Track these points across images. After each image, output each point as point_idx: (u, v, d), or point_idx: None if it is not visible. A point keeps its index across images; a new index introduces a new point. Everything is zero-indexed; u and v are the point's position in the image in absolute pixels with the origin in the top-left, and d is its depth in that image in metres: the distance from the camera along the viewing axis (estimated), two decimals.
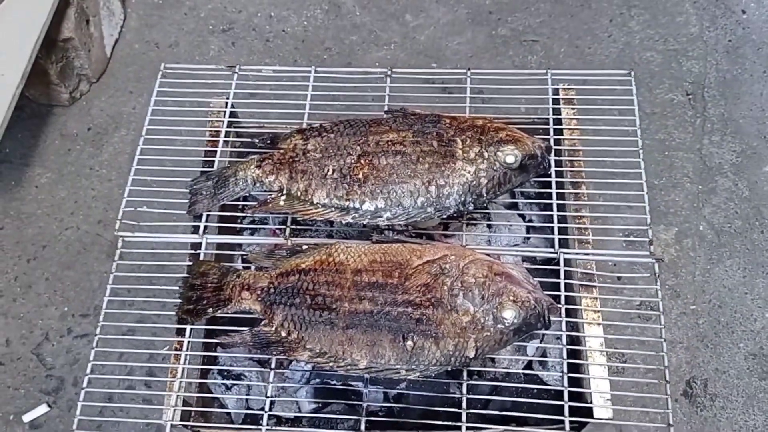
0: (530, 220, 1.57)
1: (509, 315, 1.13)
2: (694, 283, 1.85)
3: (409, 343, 1.14)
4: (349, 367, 1.17)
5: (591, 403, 1.19)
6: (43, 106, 2.37)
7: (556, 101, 1.46)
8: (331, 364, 1.17)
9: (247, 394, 1.41)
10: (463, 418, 1.18)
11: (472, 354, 1.15)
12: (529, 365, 1.42)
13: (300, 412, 1.38)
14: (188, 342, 1.28)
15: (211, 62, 2.44)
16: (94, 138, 2.30)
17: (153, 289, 1.35)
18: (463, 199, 1.26)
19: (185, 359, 1.27)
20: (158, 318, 1.27)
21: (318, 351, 1.18)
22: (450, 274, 1.18)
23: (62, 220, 2.16)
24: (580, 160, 1.40)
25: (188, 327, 1.29)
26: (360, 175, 1.28)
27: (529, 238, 1.55)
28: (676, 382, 1.73)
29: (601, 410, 1.18)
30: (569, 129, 1.43)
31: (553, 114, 1.45)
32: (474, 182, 1.26)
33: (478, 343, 1.14)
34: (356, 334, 1.16)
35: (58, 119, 2.35)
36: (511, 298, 1.15)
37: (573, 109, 1.45)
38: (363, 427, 1.19)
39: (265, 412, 1.21)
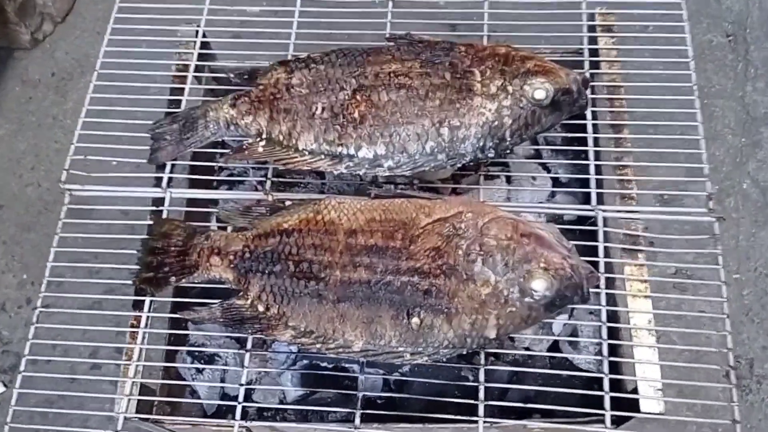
0: (556, 174, 1.33)
1: (540, 286, 0.91)
2: (737, 249, 1.63)
3: (415, 320, 0.92)
4: (340, 350, 0.95)
5: (637, 393, 0.98)
6: (1, 49, 2.11)
7: (592, 29, 1.22)
8: (318, 345, 0.95)
9: (222, 380, 1.20)
10: (481, 411, 0.96)
11: (492, 334, 0.92)
12: (555, 346, 1.20)
13: (284, 400, 1.16)
14: (148, 317, 1.06)
15: None
16: (58, 84, 2.05)
17: (122, 254, 1.12)
18: (481, 144, 1.02)
19: (143, 338, 1.05)
20: (129, 289, 1.05)
21: (303, 329, 0.96)
22: (466, 235, 0.95)
23: (21, 176, 1.94)
24: (621, 99, 1.16)
25: (147, 299, 1.07)
26: (355, 115, 1.04)
27: (554, 195, 1.31)
28: (716, 361, 1.51)
29: (651, 403, 0.96)
30: (608, 61, 1.19)
31: (589, 44, 1.20)
32: (495, 123, 1.02)
33: (501, 320, 0.92)
34: (350, 309, 0.94)
35: (19, 63, 2.11)
36: (542, 264, 0.92)
37: (612, 38, 1.20)
38: (358, 420, 0.97)
39: (239, 402, 1.00)
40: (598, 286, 1.00)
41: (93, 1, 2.18)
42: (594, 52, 1.20)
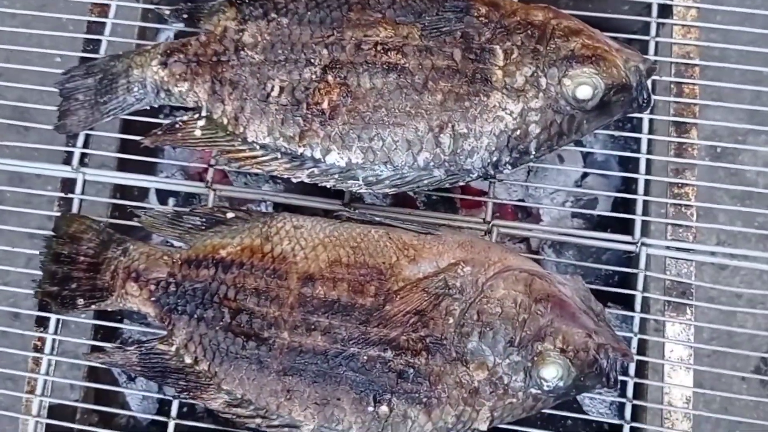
0: (587, 155, 1.04)
1: (552, 374, 0.68)
2: None
3: (384, 409, 0.70)
4: (286, 430, 0.73)
5: None
6: None
7: None
8: (258, 420, 0.74)
9: (161, 388, 1.00)
10: None
11: (483, 427, 0.71)
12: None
13: None
14: (54, 340, 0.84)
15: None
16: None
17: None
18: (495, 158, 0.74)
19: (48, 367, 0.83)
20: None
21: (239, 398, 0.74)
22: (461, 296, 0.70)
23: None
24: (694, 85, 0.85)
25: (53, 316, 0.84)
26: (324, 104, 0.75)
27: (586, 176, 1.04)
28: (744, 357, 1.31)
29: None
30: (683, 27, 0.86)
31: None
32: (518, 132, 0.73)
33: (496, 412, 0.70)
34: (299, 384, 0.71)
35: None
36: (559, 344, 0.68)
37: None
38: None
39: (172, 419, 0.81)
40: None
41: None
42: (664, 12, 0.87)
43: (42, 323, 0.85)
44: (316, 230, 0.75)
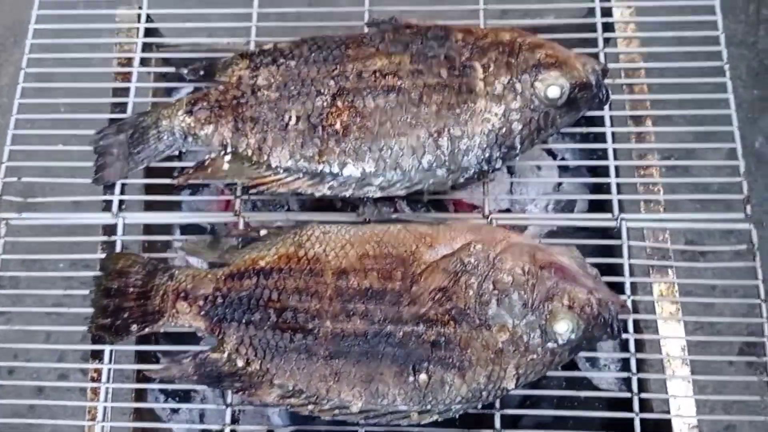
0: (563, 158, 1.18)
1: (564, 328, 0.78)
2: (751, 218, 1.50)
3: (423, 376, 0.79)
4: (336, 411, 0.82)
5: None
6: None
7: None
8: (310, 407, 0.82)
9: (202, 417, 1.07)
10: None
11: (511, 385, 0.80)
12: (571, 363, 1.08)
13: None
14: (109, 370, 0.92)
15: None
16: None
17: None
18: (487, 154, 0.87)
19: (106, 394, 0.91)
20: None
21: (291, 389, 0.82)
22: (477, 271, 0.81)
23: None
24: (642, 84, 1.00)
25: (107, 348, 0.92)
26: (337, 125, 0.87)
27: (561, 184, 1.17)
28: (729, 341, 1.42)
29: None
30: (625, 38, 1.02)
31: (602, 16, 1.03)
32: (503, 129, 0.86)
33: (521, 369, 0.80)
34: (345, 366, 0.80)
35: None
36: (566, 302, 0.79)
37: (629, 7, 1.03)
38: None
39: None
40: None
41: None
42: (607, 26, 1.03)
43: (97, 357, 0.92)
44: (342, 233, 0.85)
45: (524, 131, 0.87)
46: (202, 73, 0.96)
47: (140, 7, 1.06)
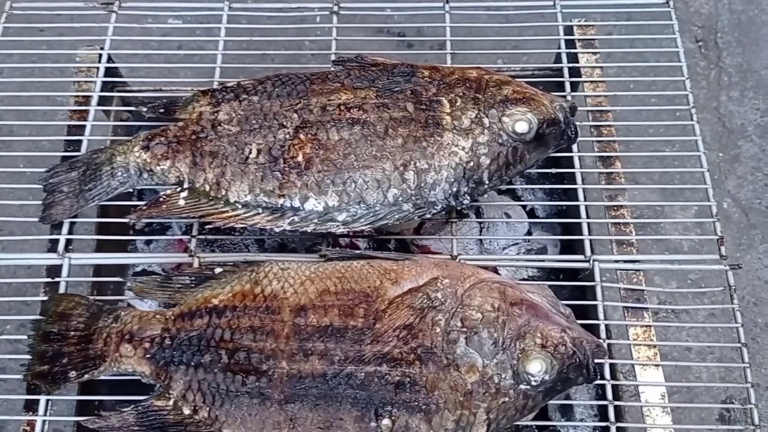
0: (531, 210, 1.15)
1: (537, 368, 0.73)
2: (721, 276, 1.48)
3: (386, 421, 0.73)
4: None
5: None
6: None
7: (570, 44, 1.05)
8: None
9: None
10: None
11: (482, 431, 0.74)
12: (543, 413, 1.02)
13: None
14: (44, 422, 0.83)
15: None
16: None
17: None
18: (455, 189, 0.84)
19: None
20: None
21: None
22: (444, 307, 0.76)
23: None
24: (610, 126, 0.99)
25: (43, 398, 0.84)
26: (299, 158, 0.84)
27: (530, 233, 1.14)
28: (709, 403, 1.36)
29: None
30: (591, 83, 1.02)
31: (568, 62, 1.03)
32: (471, 163, 0.84)
33: (492, 413, 0.74)
34: (302, 411, 0.74)
35: None
36: (539, 341, 0.74)
37: (595, 54, 1.04)
38: None
39: None
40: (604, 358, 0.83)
41: None
42: (574, 71, 1.03)
43: (30, 407, 0.84)
44: (302, 269, 0.81)
45: (492, 166, 0.84)
46: (162, 110, 0.94)
47: (102, 48, 1.04)
